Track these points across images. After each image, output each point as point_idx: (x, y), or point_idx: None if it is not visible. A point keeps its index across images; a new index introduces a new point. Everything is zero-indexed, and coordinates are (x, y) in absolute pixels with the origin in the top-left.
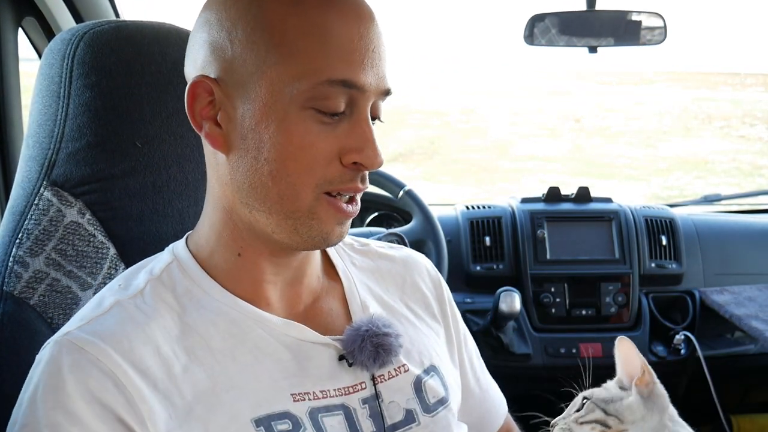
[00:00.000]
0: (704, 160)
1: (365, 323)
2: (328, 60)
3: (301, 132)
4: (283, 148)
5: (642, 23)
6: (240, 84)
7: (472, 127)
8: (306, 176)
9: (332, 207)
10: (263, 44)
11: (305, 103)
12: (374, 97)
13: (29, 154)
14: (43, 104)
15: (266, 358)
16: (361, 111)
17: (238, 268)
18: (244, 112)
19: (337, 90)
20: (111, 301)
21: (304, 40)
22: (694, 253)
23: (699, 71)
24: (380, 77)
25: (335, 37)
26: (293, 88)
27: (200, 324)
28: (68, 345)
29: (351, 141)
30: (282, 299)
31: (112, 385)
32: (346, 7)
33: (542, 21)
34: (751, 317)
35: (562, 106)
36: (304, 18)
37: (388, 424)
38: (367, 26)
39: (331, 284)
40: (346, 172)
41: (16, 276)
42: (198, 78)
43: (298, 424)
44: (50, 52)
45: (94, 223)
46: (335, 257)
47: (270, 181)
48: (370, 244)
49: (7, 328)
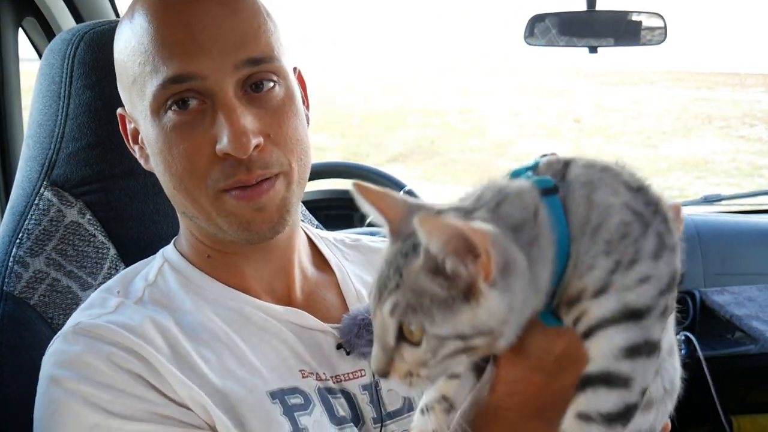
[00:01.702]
0: (704, 160)
1: (361, 312)
2: (156, 61)
3: (168, 139)
4: (164, 159)
5: (642, 23)
6: (132, 110)
7: (472, 127)
8: (195, 180)
9: (233, 198)
10: (124, 72)
11: (158, 110)
12: (228, 77)
13: (29, 154)
14: (43, 104)
15: (272, 338)
16: (217, 98)
17: (218, 267)
18: (142, 133)
19: (174, 87)
20: (116, 302)
21: (140, 53)
22: (695, 253)
23: (699, 71)
24: (226, 53)
25: (159, 38)
26: (146, 100)
27: (201, 316)
28: (83, 333)
29: (214, 131)
30: (272, 291)
31: (134, 358)
32: (165, 8)
33: (542, 21)
34: (751, 317)
35: (562, 105)
36: (138, 37)
37: (386, 411)
38: (192, 12)
39: (325, 277)
40: (226, 167)
41: (16, 276)
42: (119, 112)
43: (308, 400)
44: (50, 52)
45: (95, 224)
46: (327, 252)
47: (177, 192)
48: (361, 239)
49: (8, 328)
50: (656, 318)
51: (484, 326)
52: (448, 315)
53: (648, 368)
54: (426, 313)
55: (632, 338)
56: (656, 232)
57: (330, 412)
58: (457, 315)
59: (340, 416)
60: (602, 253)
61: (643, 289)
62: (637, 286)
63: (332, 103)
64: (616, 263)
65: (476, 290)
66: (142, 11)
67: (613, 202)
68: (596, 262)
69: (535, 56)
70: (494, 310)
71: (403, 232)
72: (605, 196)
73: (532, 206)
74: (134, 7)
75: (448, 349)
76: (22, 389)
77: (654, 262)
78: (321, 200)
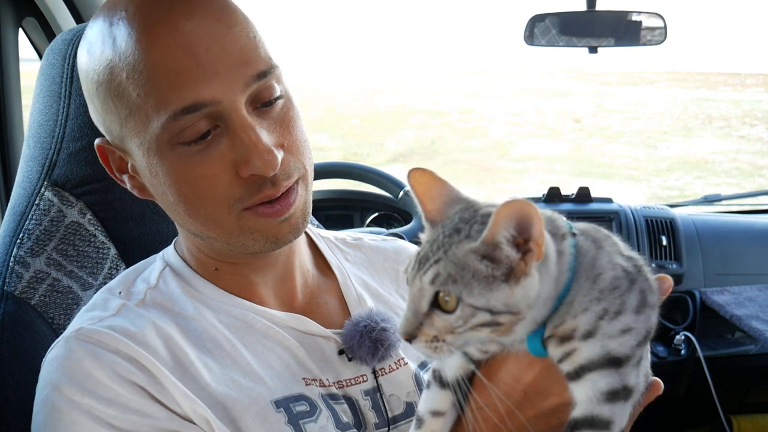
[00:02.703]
0: (704, 160)
1: (363, 318)
2: (161, 94)
3: (182, 169)
4: (179, 189)
5: (642, 23)
6: (122, 141)
7: (472, 128)
8: (215, 205)
9: (260, 216)
10: (113, 103)
11: (169, 142)
12: (239, 96)
13: (30, 154)
14: (44, 104)
15: (275, 346)
16: (232, 120)
17: (223, 277)
18: (137, 163)
19: (188, 118)
20: (118, 304)
21: (137, 84)
22: (695, 253)
23: (699, 71)
24: (233, 73)
25: (158, 67)
26: (150, 133)
27: (204, 322)
28: (84, 339)
29: (236, 154)
30: (276, 296)
31: (137, 369)
32: (156, 30)
33: (542, 21)
34: (751, 317)
35: (562, 106)
36: (129, 65)
37: (389, 416)
38: (188, 33)
39: (326, 280)
40: (251, 185)
41: (17, 276)
42: (97, 144)
43: (314, 406)
44: (51, 52)
45: (95, 224)
46: (328, 254)
47: (189, 217)
48: (363, 238)
49: (8, 329)
50: (633, 366)
51: (514, 305)
52: (486, 290)
53: (625, 411)
54: (466, 285)
55: (613, 383)
56: (640, 289)
57: (336, 417)
58: (494, 292)
59: (345, 422)
60: (596, 299)
61: (624, 340)
62: (620, 335)
63: (332, 103)
64: (605, 311)
65: (520, 272)
66: (129, 33)
67: (611, 260)
68: (590, 306)
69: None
70: (530, 291)
71: (437, 221)
72: (606, 254)
73: (562, 230)
74: (113, 27)
75: (477, 320)
76: (23, 389)
77: (635, 317)
78: (321, 200)
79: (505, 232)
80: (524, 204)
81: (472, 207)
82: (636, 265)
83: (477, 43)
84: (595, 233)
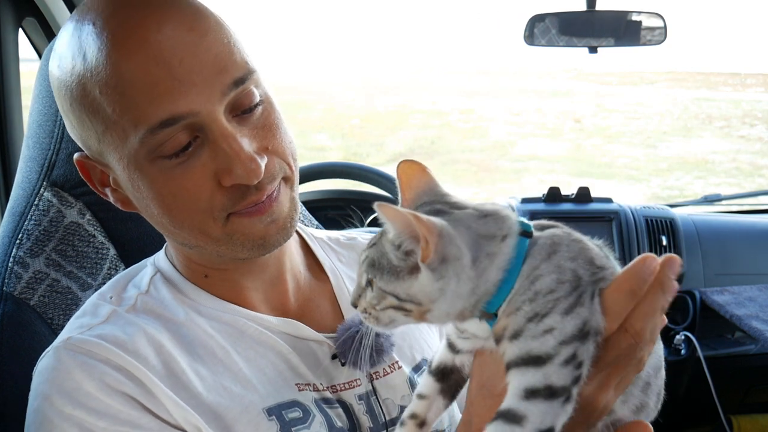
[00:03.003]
0: (704, 160)
1: (356, 323)
2: (137, 109)
3: (164, 182)
4: (161, 202)
5: (642, 23)
6: (101, 155)
7: (472, 128)
8: (199, 215)
9: (244, 218)
10: (88, 119)
11: (148, 156)
12: (217, 105)
13: (29, 154)
14: (43, 105)
15: (268, 351)
16: (212, 130)
17: (215, 283)
18: (118, 178)
19: (166, 131)
20: (108, 310)
21: (111, 100)
22: (695, 253)
23: (699, 71)
24: (210, 82)
25: (131, 81)
26: (128, 148)
27: (195, 329)
28: (73, 348)
29: (218, 164)
30: (267, 301)
31: (127, 379)
32: (127, 43)
33: (542, 21)
34: (751, 317)
35: (562, 106)
36: (101, 80)
37: (383, 420)
38: (160, 44)
39: (319, 282)
40: (234, 193)
41: (16, 276)
42: (76, 158)
43: (307, 412)
44: (50, 52)
45: (95, 224)
46: (321, 255)
47: (176, 228)
48: (357, 238)
49: (8, 329)
50: (558, 365)
51: (414, 297)
52: (393, 278)
53: (547, 411)
54: (379, 270)
55: (531, 382)
56: (580, 293)
57: (329, 423)
58: (399, 281)
59: (339, 427)
60: (528, 300)
61: (545, 339)
62: (542, 335)
63: (332, 103)
64: (535, 314)
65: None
66: (99, 47)
67: (560, 263)
68: (522, 306)
69: (535, 57)
70: (425, 287)
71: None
72: (559, 258)
73: (504, 231)
74: (81, 39)
75: (387, 302)
76: (22, 389)
77: (562, 317)
78: (321, 200)
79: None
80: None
81: (432, 202)
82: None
83: (477, 43)
84: (559, 238)
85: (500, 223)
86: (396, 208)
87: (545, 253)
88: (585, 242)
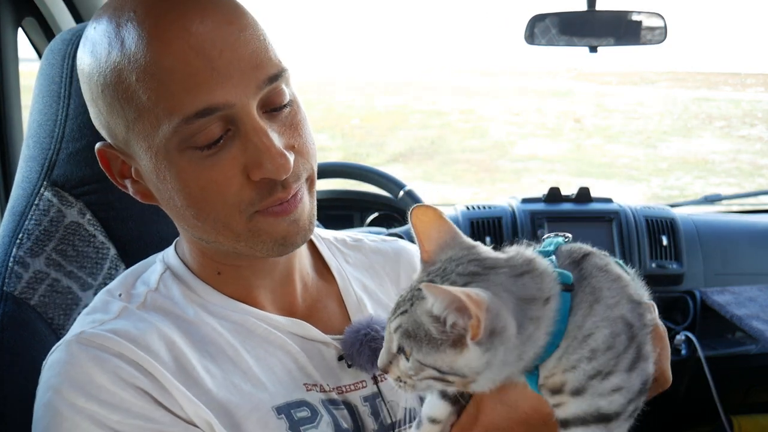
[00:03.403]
0: (705, 160)
1: (363, 326)
2: (174, 98)
3: (193, 174)
4: (188, 194)
5: (642, 23)
6: (127, 144)
7: (472, 128)
8: (226, 209)
9: (269, 216)
10: (119, 105)
11: (179, 146)
12: (252, 99)
13: (29, 154)
14: (43, 104)
15: (277, 350)
16: (244, 123)
17: (225, 281)
18: (143, 168)
19: (201, 122)
20: (119, 307)
21: (147, 87)
22: (695, 253)
23: (699, 71)
24: (246, 76)
25: (170, 70)
26: (160, 137)
27: (205, 327)
28: (86, 343)
29: (248, 157)
30: (276, 301)
31: (140, 373)
32: (168, 32)
33: (543, 21)
34: (751, 317)
35: (563, 106)
36: (139, 68)
37: (388, 423)
38: (201, 36)
39: (326, 284)
40: (262, 189)
41: (16, 276)
42: (98, 148)
43: (315, 412)
44: (50, 52)
45: (95, 224)
46: (328, 256)
47: (198, 221)
48: (363, 240)
49: (8, 329)
50: (623, 420)
51: (459, 371)
52: (433, 351)
53: None
54: (417, 342)
55: None
56: (638, 344)
57: (336, 423)
58: (440, 354)
59: (345, 428)
60: (586, 359)
61: (614, 398)
62: (610, 394)
63: (333, 102)
64: (597, 371)
65: (463, 342)
66: (139, 35)
67: (609, 315)
68: (579, 365)
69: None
70: (472, 362)
71: (433, 261)
72: (604, 308)
73: (547, 292)
74: (120, 29)
75: (426, 374)
76: (22, 389)
77: (628, 375)
78: (322, 200)
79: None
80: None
81: (461, 258)
82: (641, 313)
83: (477, 43)
84: (598, 281)
85: (539, 282)
86: (445, 288)
87: (588, 306)
88: (622, 278)
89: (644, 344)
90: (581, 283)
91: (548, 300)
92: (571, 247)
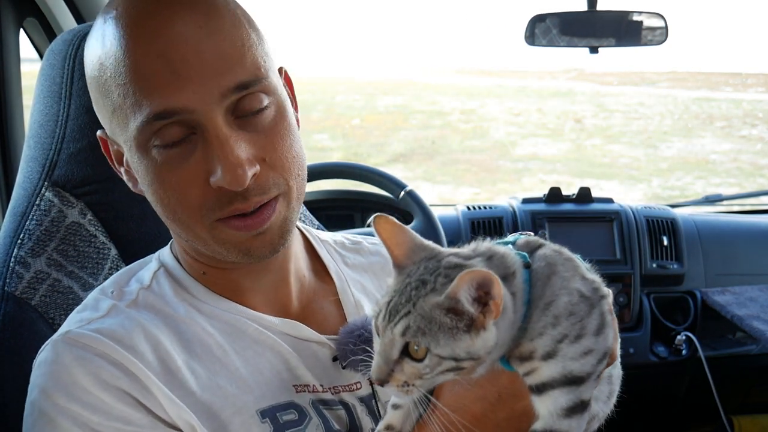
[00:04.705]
0: (705, 160)
1: (358, 327)
2: (136, 97)
3: (158, 172)
4: (155, 190)
5: (643, 23)
6: (114, 135)
7: (473, 128)
8: (188, 211)
9: (230, 228)
10: (101, 98)
11: (145, 144)
12: (215, 106)
13: (30, 154)
14: (44, 105)
15: (267, 351)
16: (206, 130)
17: (212, 281)
18: (128, 158)
19: (160, 123)
20: (108, 305)
21: (117, 84)
22: (696, 253)
23: (700, 71)
24: (209, 82)
25: (135, 70)
26: (130, 133)
27: (195, 326)
28: (71, 342)
29: (208, 163)
30: (269, 302)
31: (122, 374)
32: (137, 32)
33: (543, 21)
34: (752, 318)
35: (563, 106)
36: (113, 64)
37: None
38: (168, 39)
39: (324, 285)
40: (221, 197)
41: (17, 276)
42: (99, 134)
43: (303, 414)
44: (51, 52)
45: (96, 224)
46: (327, 258)
47: (169, 220)
48: (362, 242)
49: (9, 329)
50: (591, 382)
51: (475, 353)
52: (450, 341)
53: (581, 423)
54: (433, 337)
55: (572, 400)
56: (600, 311)
57: (326, 425)
58: (458, 341)
59: (336, 429)
60: (550, 324)
61: (586, 360)
62: (581, 357)
63: (333, 103)
64: (563, 335)
65: (479, 325)
66: (115, 34)
67: (566, 285)
68: (545, 331)
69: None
70: (488, 341)
71: (405, 266)
72: (560, 279)
73: (512, 268)
74: (105, 25)
75: (444, 367)
76: (23, 389)
77: (596, 338)
78: (322, 200)
79: (466, 291)
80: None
81: (435, 256)
82: (595, 287)
83: (478, 43)
84: (552, 258)
85: (504, 261)
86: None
87: (545, 277)
88: (574, 259)
89: (605, 312)
90: (538, 262)
91: (514, 274)
92: (528, 239)
